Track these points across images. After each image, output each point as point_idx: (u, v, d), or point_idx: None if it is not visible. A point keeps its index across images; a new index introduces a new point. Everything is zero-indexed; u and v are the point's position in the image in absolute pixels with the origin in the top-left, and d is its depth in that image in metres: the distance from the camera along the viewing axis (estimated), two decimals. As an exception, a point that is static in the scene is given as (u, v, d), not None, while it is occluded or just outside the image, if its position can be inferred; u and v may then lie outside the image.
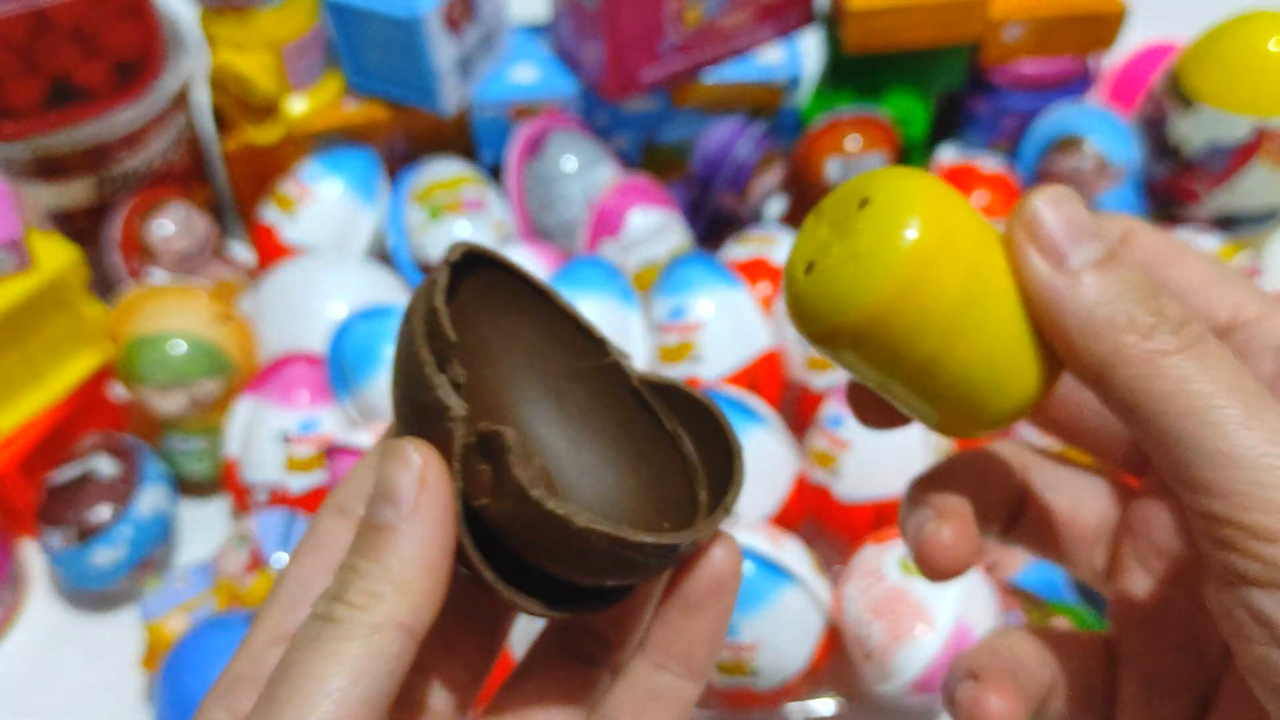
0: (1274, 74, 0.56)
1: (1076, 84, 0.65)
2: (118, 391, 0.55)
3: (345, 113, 0.62)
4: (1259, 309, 0.22)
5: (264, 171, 0.62)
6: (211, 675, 0.22)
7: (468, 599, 0.24)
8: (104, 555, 0.49)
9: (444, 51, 0.58)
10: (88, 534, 0.49)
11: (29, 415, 0.52)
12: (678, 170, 0.66)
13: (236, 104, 0.59)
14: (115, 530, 0.49)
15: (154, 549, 0.51)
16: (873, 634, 0.44)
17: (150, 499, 0.50)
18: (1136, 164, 0.61)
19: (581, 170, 0.59)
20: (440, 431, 0.20)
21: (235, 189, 0.64)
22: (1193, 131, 0.58)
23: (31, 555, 0.54)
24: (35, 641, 0.52)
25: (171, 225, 0.58)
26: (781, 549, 0.44)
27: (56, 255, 0.50)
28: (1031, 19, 0.62)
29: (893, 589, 0.44)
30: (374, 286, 0.56)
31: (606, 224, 0.58)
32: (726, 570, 0.22)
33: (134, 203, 0.58)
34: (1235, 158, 0.57)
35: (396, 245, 0.60)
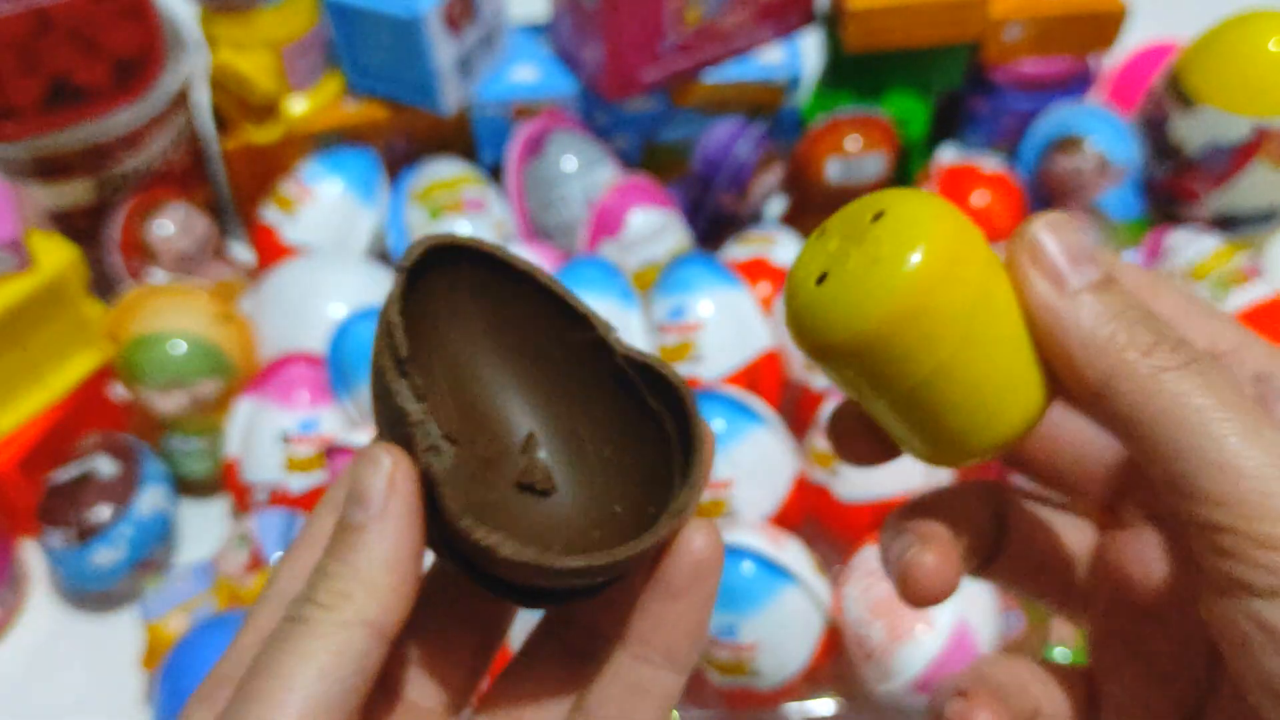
0: (1274, 74, 0.56)
1: (1077, 84, 0.65)
2: (118, 391, 0.55)
3: (345, 113, 0.62)
4: (1235, 340, 0.23)
5: (264, 171, 0.62)
6: (211, 675, 0.22)
7: (466, 599, 0.24)
8: (104, 555, 0.49)
9: (444, 51, 0.58)
10: (88, 534, 0.49)
11: (29, 415, 0.52)
12: (678, 170, 0.66)
13: (236, 104, 0.59)
14: (115, 530, 0.49)
15: (154, 549, 0.51)
16: (873, 634, 0.44)
17: (150, 499, 0.51)
18: (1137, 164, 0.61)
19: (581, 170, 0.59)
20: (403, 436, 0.21)
21: (235, 189, 0.64)
22: (1193, 131, 0.58)
23: (31, 555, 0.54)
24: (35, 641, 0.52)
25: (171, 225, 0.58)
26: (781, 549, 0.44)
27: (56, 255, 0.50)
28: (1032, 19, 0.62)
29: (893, 589, 0.44)
30: (374, 287, 0.56)
31: (606, 224, 0.58)
32: (707, 557, 0.21)
33: (134, 203, 0.58)
34: (1235, 158, 0.57)
35: (397, 245, 0.60)
